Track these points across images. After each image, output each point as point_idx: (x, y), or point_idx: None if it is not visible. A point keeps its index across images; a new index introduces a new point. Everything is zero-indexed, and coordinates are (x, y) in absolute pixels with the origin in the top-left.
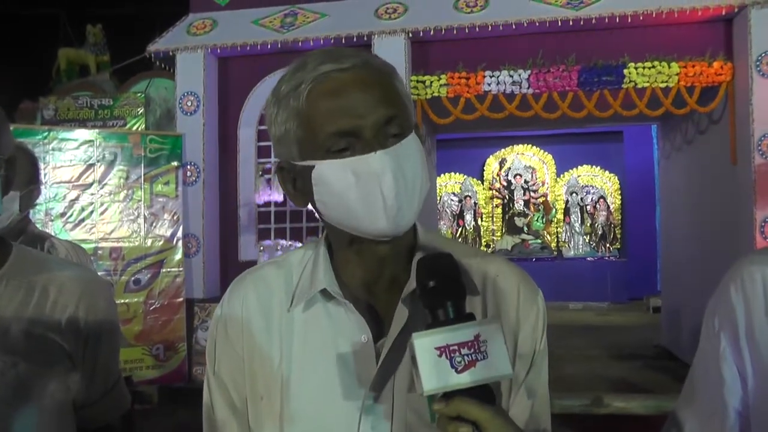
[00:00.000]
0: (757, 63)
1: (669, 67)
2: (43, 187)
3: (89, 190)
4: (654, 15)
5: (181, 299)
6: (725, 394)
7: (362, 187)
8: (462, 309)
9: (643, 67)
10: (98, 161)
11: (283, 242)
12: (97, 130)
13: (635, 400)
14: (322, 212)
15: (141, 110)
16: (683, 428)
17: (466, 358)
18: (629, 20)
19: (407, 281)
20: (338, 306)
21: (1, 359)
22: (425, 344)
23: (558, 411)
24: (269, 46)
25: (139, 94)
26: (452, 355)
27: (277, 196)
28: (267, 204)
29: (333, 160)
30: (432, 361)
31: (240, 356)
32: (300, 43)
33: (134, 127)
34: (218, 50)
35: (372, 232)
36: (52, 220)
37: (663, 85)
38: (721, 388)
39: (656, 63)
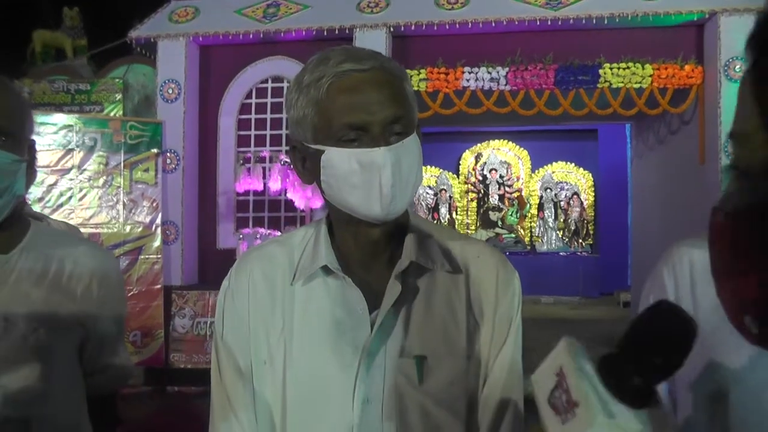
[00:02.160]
0: (726, 67)
1: (643, 69)
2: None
3: (68, 176)
4: (630, 18)
5: (159, 286)
6: None
7: (364, 176)
8: (655, 393)
9: (618, 68)
10: (77, 146)
11: (262, 230)
12: (76, 115)
13: None
14: (326, 192)
15: (119, 96)
16: None
17: None
18: (606, 22)
19: (399, 259)
20: (337, 280)
21: (24, 325)
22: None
23: (524, 393)
24: (251, 36)
25: (117, 80)
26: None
27: (257, 185)
28: (246, 193)
29: (342, 149)
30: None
31: (246, 324)
32: (282, 34)
33: (112, 113)
34: (200, 38)
35: (367, 215)
36: (30, 205)
37: (637, 86)
38: None
39: (631, 64)
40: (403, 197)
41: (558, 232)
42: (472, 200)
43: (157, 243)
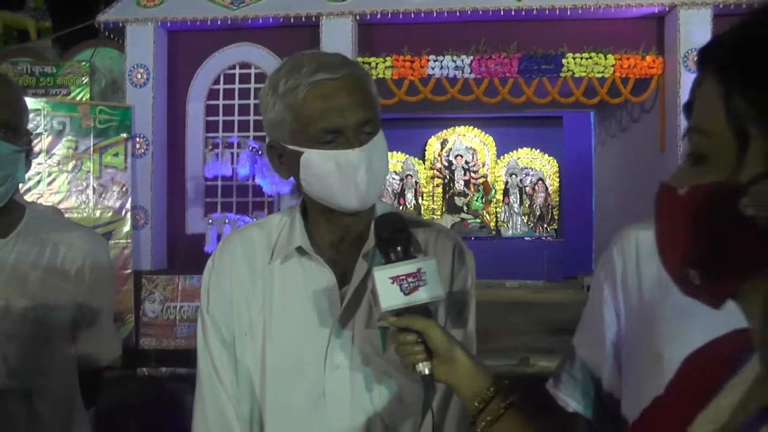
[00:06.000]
0: (685, 58)
1: (605, 59)
2: None
3: (36, 160)
4: (592, 9)
5: (129, 271)
6: (605, 329)
7: (341, 175)
8: (408, 251)
9: (581, 58)
10: (46, 130)
11: (231, 215)
12: (44, 99)
13: (558, 360)
14: (305, 188)
15: (86, 79)
16: (575, 356)
17: (411, 284)
18: (569, 13)
19: (366, 241)
20: (311, 260)
21: (24, 303)
22: (382, 275)
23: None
24: (219, 22)
25: (83, 63)
26: (401, 282)
27: (226, 170)
28: (214, 178)
29: (320, 150)
30: (387, 287)
31: (228, 299)
32: (249, 21)
33: (78, 97)
34: (168, 24)
35: (344, 207)
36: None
37: (599, 75)
38: (602, 325)
39: (593, 54)
40: (376, 189)
41: (523, 217)
42: (437, 186)
43: (126, 228)
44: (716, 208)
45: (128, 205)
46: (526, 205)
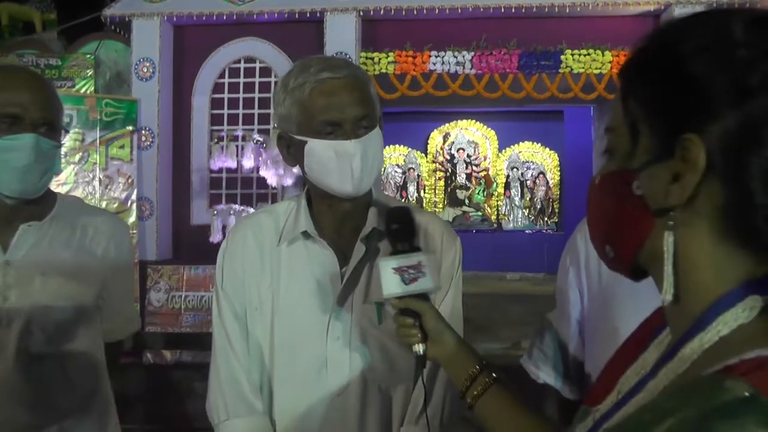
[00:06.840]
0: None
1: (603, 55)
2: None
3: None
4: (590, 7)
5: (134, 261)
6: (570, 308)
7: (339, 162)
8: (413, 244)
9: (579, 54)
10: None
11: (235, 207)
12: None
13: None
14: (308, 174)
15: (90, 72)
16: (546, 333)
17: (411, 275)
18: (567, 10)
19: (364, 227)
20: (314, 243)
21: (58, 279)
22: (386, 265)
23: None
24: (225, 17)
25: (88, 56)
26: (402, 273)
27: (231, 162)
28: (219, 170)
29: (322, 140)
30: (390, 276)
31: (240, 277)
32: (255, 16)
33: (83, 90)
34: (174, 18)
35: (341, 192)
36: None
37: (597, 72)
38: (568, 305)
39: (591, 51)
40: (369, 178)
41: (524, 210)
42: (439, 179)
43: (132, 219)
44: (617, 191)
45: (134, 197)
46: (527, 199)
